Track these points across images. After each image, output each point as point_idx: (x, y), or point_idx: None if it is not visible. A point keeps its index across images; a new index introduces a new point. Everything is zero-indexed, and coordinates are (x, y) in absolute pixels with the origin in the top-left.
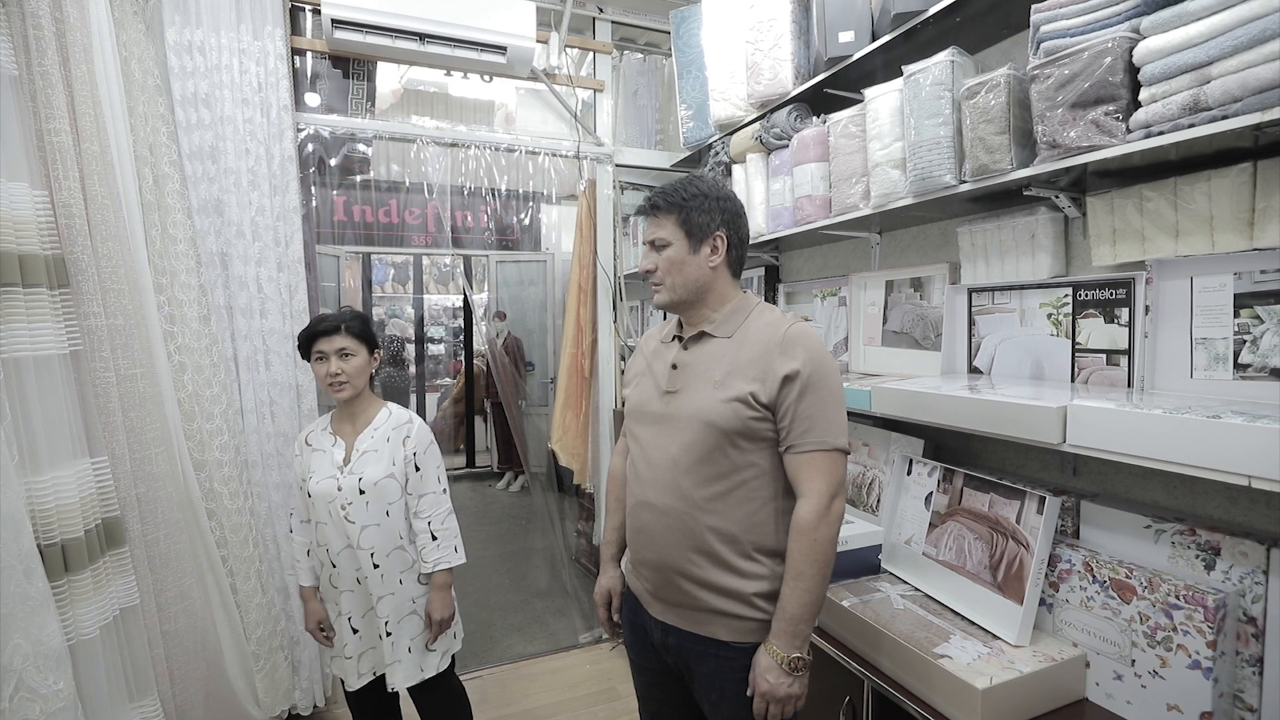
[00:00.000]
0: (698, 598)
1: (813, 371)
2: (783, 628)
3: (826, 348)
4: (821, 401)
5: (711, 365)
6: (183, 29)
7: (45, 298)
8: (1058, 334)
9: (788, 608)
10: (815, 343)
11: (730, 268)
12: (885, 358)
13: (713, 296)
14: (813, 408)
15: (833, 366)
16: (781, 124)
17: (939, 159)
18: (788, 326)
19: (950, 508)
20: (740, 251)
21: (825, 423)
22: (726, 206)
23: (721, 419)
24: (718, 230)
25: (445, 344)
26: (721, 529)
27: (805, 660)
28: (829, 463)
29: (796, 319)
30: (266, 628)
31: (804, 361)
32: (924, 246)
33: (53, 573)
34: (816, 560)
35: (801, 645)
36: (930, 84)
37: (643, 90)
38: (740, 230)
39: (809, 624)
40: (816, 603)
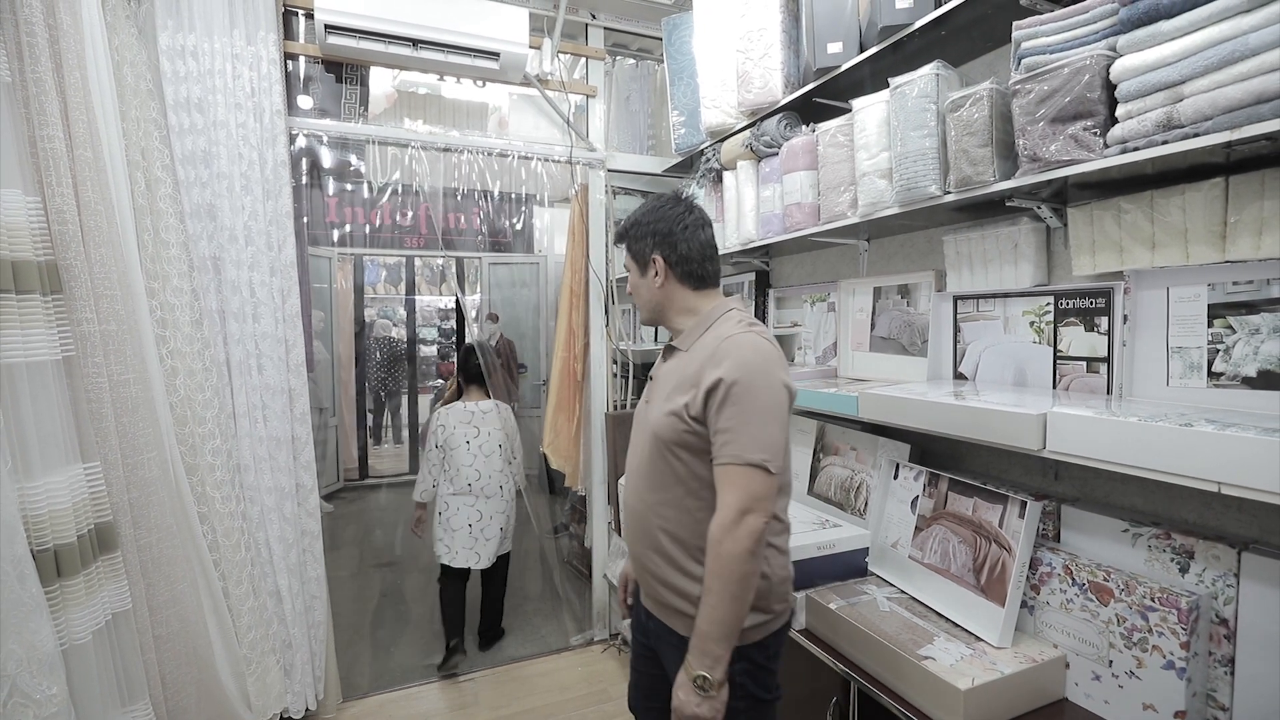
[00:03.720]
0: (659, 591)
1: (735, 383)
2: (695, 643)
3: (766, 361)
4: (742, 414)
5: (669, 378)
6: (175, 33)
7: (38, 304)
8: (1040, 341)
9: (699, 623)
10: (747, 355)
11: (685, 282)
12: (873, 363)
13: (673, 311)
14: (732, 420)
15: (760, 381)
16: (771, 132)
17: (924, 170)
18: (728, 337)
19: (936, 511)
20: (688, 266)
21: (744, 437)
22: (657, 229)
23: (662, 430)
24: (652, 254)
25: (437, 345)
26: (671, 531)
27: (712, 681)
28: (743, 477)
29: (746, 330)
30: (258, 631)
31: (727, 372)
32: (911, 254)
33: (45, 578)
34: (721, 576)
35: (712, 665)
36: (916, 96)
37: (635, 96)
38: (677, 247)
39: (719, 643)
40: (725, 621)
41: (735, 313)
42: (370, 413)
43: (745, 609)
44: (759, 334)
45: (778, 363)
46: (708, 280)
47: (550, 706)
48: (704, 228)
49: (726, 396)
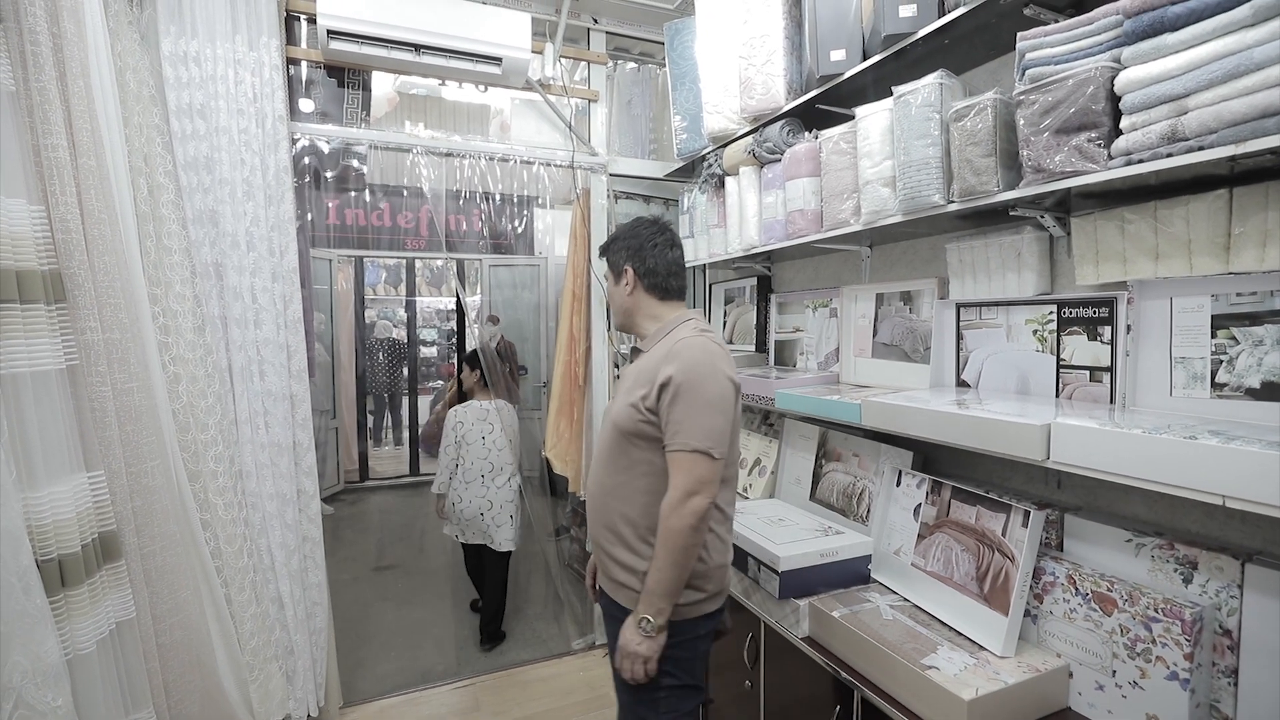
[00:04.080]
0: (610, 568)
1: (684, 380)
2: (642, 598)
3: (712, 360)
4: (689, 407)
5: (632, 375)
6: (178, 39)
7: (42, 313)
8: (1043, 350)
9: (647, 583)
10: (696, 355)
11: (651, 292)
12: (875, 369)
13: (640, 317)
14: (680, 413)
15: (707, 377)
16: (774, 138)
17: (928, 179)
18: (680, 339)
19: (938, 519)
20: (655, 278)
21: (690, 426)
22: (630, 244)
23: (621, 421)
24: (625, 265)
25: (437, 346)
26: (624, 513)
27: (654, 624)
28: (689, 462)
29: (698, 334)
30: (261, 638)
31: (678, 370)
32: (913, 261)
33: (49, 588)
34: (667, 545)
35: (655, 613)
36: (919, 105)
37: (636, 99)
38: (646, 260)
39: (662, 599)
40: (667, 582)
41: (693, 322)
42: (370, 414)
43: (685, 575)
44: (710, 339)
45: (724, 361)
46: (672, 293)
47: (552, 711)
48: (672, 248)
49: (677, 392)
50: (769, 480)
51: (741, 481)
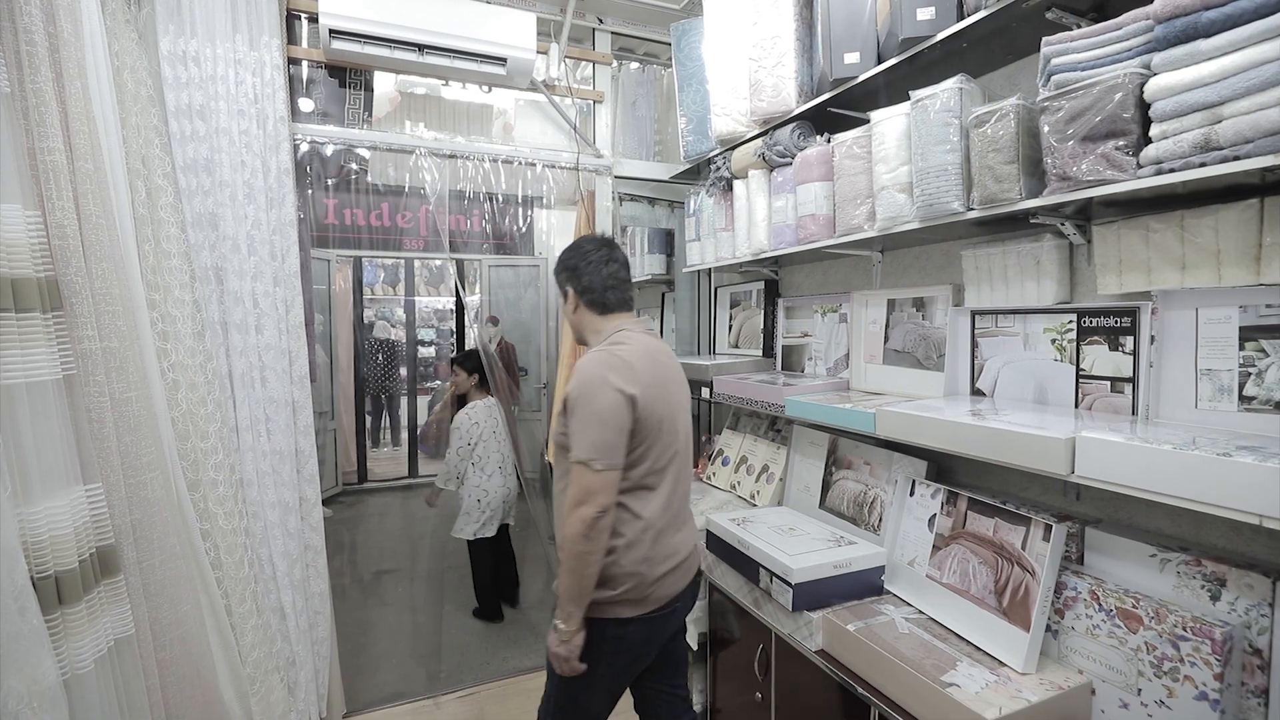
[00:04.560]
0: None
1: (576, 396)
2: (558, 602)
3: (601, 373)
4: (578, 420)
5: None
6: (176, 39)
7: (39, 322)
8: (1061, 359)
9: (559, 588)
10: (589, 371)
11: (592, 308)
12: (886, 376)
13: (587, 332)
14: (573, 425)
15: (595, 392)
16: (785, 141)
17: (947, 186)
18: (582, 360)
19: (954, 531)
20: (593, 295)
21: (578, 439)
22: (566, 264)
23: (553, 434)
24: (567, 285)
25: (436, 346)
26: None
27: (566, 629)
28: (577, 473)
29: (604, 347)
30: (262, 650)
31: (572, 386)
32: (926, 267)
33: (46, 606)
34: (564, 550)
35: (565, 618)
36: (938, 110)
37: (641, 101)
38: (582, 279)
39: (568, 603)
40: (567, 588)
41: (623, 333)
42: (368, 415)
43: (584, 581)
44: (608, 351)
45: (618, 374)
46: (610, 306)
47: None
48: (607, 264)
49: (571, 408)
50: (777, 487)
51: (749, 488)
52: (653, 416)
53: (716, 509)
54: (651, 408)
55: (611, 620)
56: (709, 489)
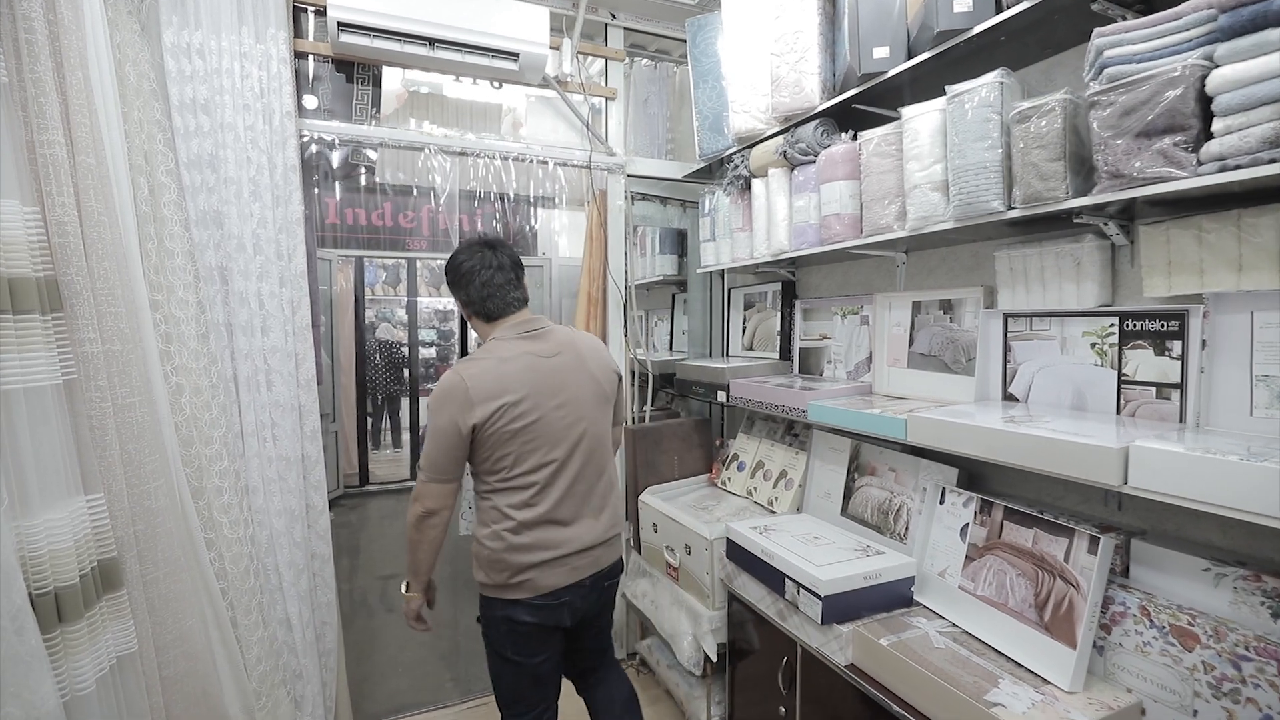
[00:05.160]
0: None
1: (428, 410)
2: None
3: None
4: (426, 432)
5: None
6: (180, 30)
7: (37, 324)
8: (1102, 364)
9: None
10: (437, 391)
11: (478, 317)
12: (911, 380)
13: (484, 339)
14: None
15: (433, 412)
16: (807, 139)
17: (986, 184)
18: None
19: (989, 541)
20: (474, 306)
21: (424, 448)
22: (450, 279)
23: None
24: (453, 296)
25: (436, 347)
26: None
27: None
28: (418, 476)
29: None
30: (269, 663)
31: (428, 401)
32: (954, 268)
33: (45, 625)
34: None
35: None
36: (977, 105)
37: (653, 98)
38: (460, 289)
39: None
40: (408, 564)
41: (492, 342)
42: (369, 417)
43: (417, 559)
44: (458, 371)
45: (458, 395)
46: (493, 314)
47: None
48: (481, 271)
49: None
50: (796, 493)
51: (766, 494)
52: (507, 429)
53: (734, 516)
54: (504, 421)
55: (499, 601)
56: (724, 495)
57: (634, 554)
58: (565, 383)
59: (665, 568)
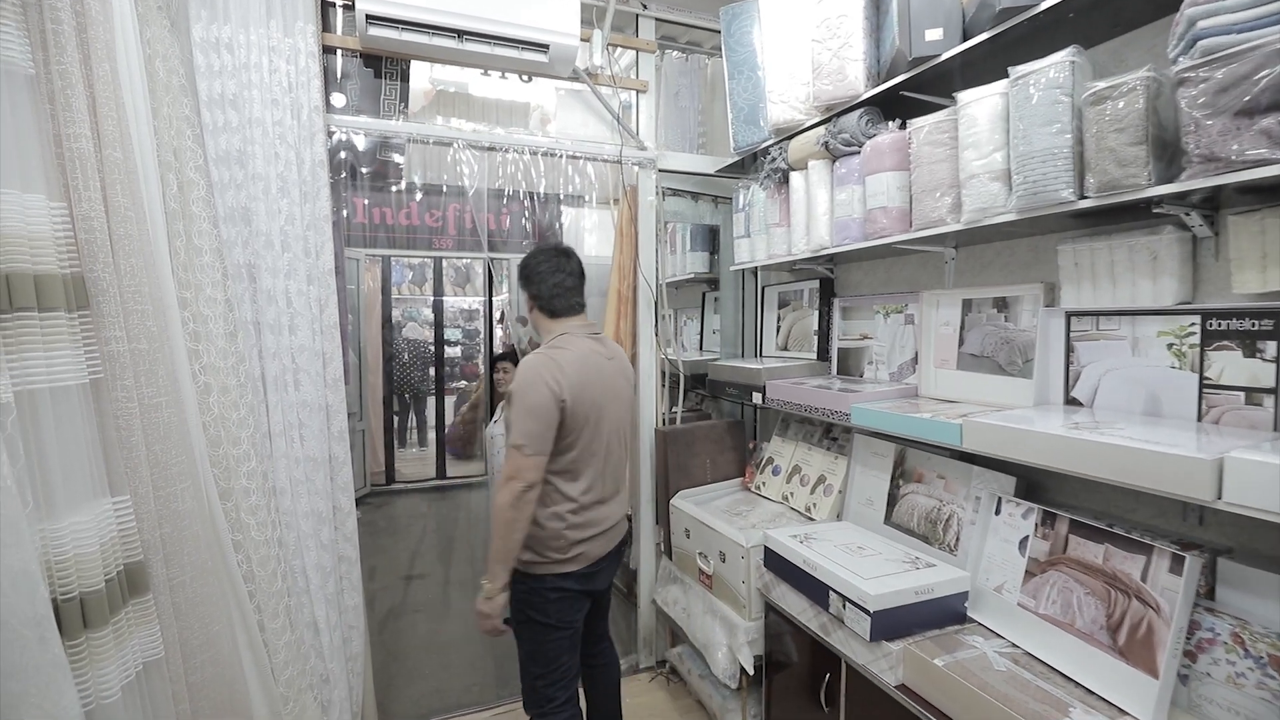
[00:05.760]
0: None
1: (514, 390)
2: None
3: (534, 373)
4: (515, 412)
5: None
6: (209, 25)
7: (63, 322)
8: (1180, 366)
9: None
10: (525, 372)
11: (543, 312)
12: (962, 383)
13: (541, 333)
14: (511, 415)
15: (527, 389)
16: (851, 129)
17: (1054, 172)
18: (525, 359)
19: (1053, 556)
20: (543, 301)
21: (514, 427)
22: (523, 271)
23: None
24: (523, 290)
25: (461, 346)
26: None
27: (486, 588)
28: (510, 454)
29: (543, 350)
30: (296, 667)
31: (514, 383)
32: (1010, 264)
33: (70, 631)
34: (494, 519)
35: (492, 578)
36: (1045, 87)
37: (684, 91)
38: (532, 285)
39: (495, 564)
40: (495, 550)
41: (563, 337)
42: (395, 415)
43: (510, 544)
44: (547, 355)
45: (550, 372)
46: (557, 312)
47: None
48: (555, 274)
49: (510, 400)
50: (835, 500)
51: (803, 500)
52: (580, 414)
53: (770, 522)
54: (578, 407)
55: (553, 575)
56: (759, 500)
57: (664, 559)
58: (615, 383)
59: (698, 575)
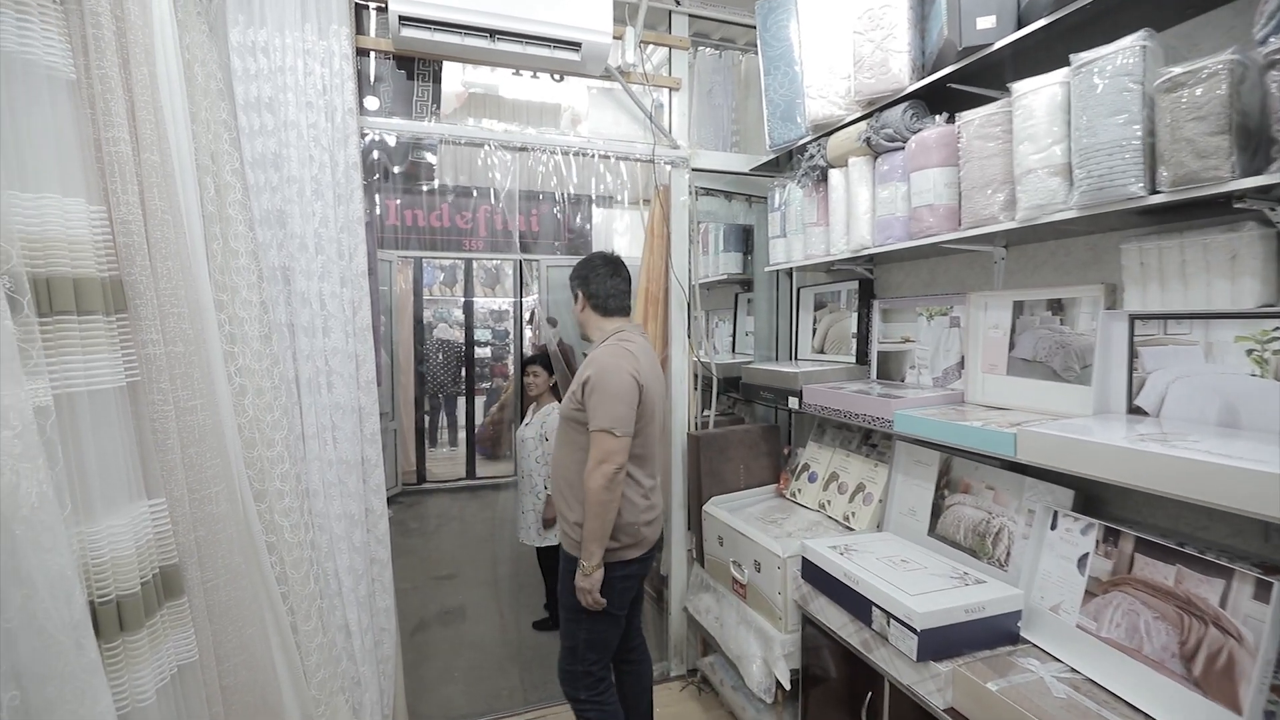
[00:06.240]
0: (563, 524)
1: (596, 378)
2: (582, 546)
3: (616, 362)
4: (600, 398)
5: (576, 377)
6: (246, 29)
7: (101, 325)
8: (1262, 374)
9: (583, 534)
10: (605, 360)
11: (596, 310)
12: (1012, 389)
13: (590, 331)
14: (594, 402)
15: (612, 376)
16: (895, 123)
17: (1123, 165)
18: (600, 348)
19: (1116, 576)
20: (597, 300)
21: (600, 412)
22: (579, 273)
23: (563, 409)
24: (577, 289)
25: (491, 347)
26: (568, 479)
27: (588, 566)
28: (599, 439)
29: (615, 343)
30: (328, 670)
31: (594, 372)
32: (1066, 264)
33: (107, 634)
34: (588, 502)
35: (588, 557)
36: (1112, 74)
37: (718, 89)
38: (589, 284)
39: (591, 543)
40: (592, 531)
41: (623, 333)
42: (426, 415)
43: (606, 525)
44: (622, 347)
45: (628, 362)
46: (611, 310)
47: None
48: (611, 278)
49: (592, 388)
50: (875, 509)
51: (841, 508)
52: (648, 401)
53: (806, 531)
54: (647, 394)
55: (620, 563)
56: (794, 508)
57: (696, 566)
58: (658, 374)
59: (731, 584)
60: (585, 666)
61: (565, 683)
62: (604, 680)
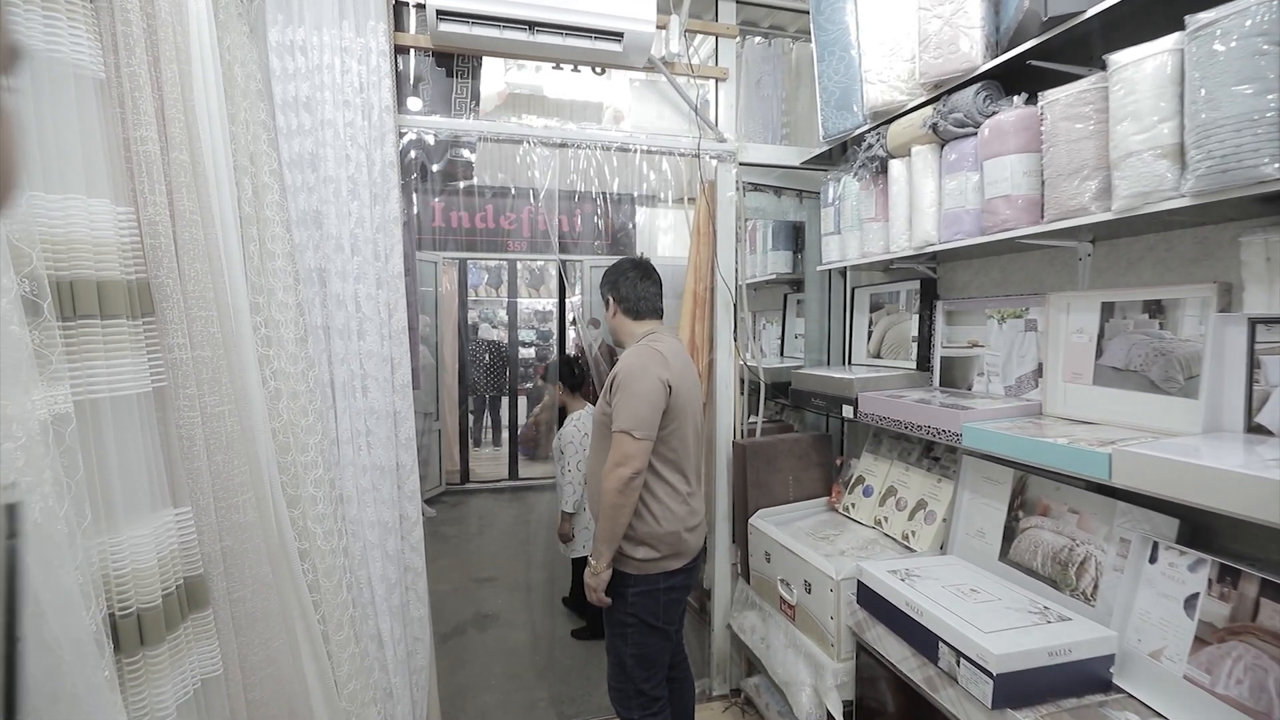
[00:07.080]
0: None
1: (622, 378)
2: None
3: (644, 362)
4: (623, 398)
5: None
6: (285, 28)
7: (125, 329)
8: None
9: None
10: (633, 360)
11: (627, 314)
12: (1100, 401)
13: (622, 335)
14: (618, 402)
15: (638, 376)
16: (965, 107)
17: (1253, 142)
18: (627, 352)
19: (1235, 623)
20: (628, 304)
21: (622, 413)
22: (609, 279)
23: (596, 414)
24: (608, 295)
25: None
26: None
27: (594, 565)
28: (618, 440)
29: (645, 345)
30: (359, 681)
31: (620, 371)
32: (1167, 260)
33: (127, 648)
34: (600, 503)
35: (596, 557)
36: (1242, 35)
37: (766, 79)
38: (619, 289)
39: (601, 544)
40: (602, 532)
41: (655, 335)
42: (470, 415)
43: (616, 528)
44: (652, 348)
45: (656, 364)
46: (642, 314)
47: None
48: (641, 281)
49: (617, 388)
50: (938, 529)
51: (900, 526)
52: (680, 403)
53: (861, 550)
54: (679, 396)
55: (663, 574)
56: (848, 523)
57: (740, 582)
58: (692, 377)
59: (779, 603)
60: (637, 685)
61: (617, 702)
62: (659, 700)
